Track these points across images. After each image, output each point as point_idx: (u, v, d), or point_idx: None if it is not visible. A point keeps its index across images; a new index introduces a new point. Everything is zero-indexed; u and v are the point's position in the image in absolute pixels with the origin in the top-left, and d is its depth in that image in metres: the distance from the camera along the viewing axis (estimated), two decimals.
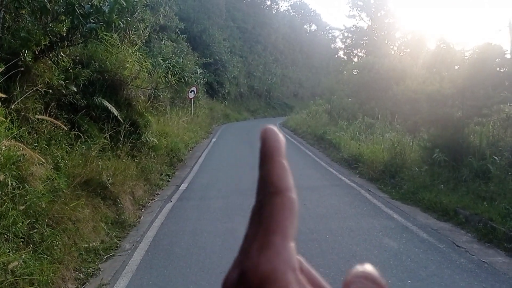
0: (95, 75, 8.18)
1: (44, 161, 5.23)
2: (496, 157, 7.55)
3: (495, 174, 7.06)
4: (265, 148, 0.31)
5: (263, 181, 0.30)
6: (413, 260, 4.80)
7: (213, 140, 17.90)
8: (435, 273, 4.45)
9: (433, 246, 5.29)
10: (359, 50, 41.63)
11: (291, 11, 61.14)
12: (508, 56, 7.86)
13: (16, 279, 3.69)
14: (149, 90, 11.55)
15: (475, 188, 6.92)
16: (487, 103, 8.23)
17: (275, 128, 0.33)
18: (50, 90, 6.56)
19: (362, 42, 40.77)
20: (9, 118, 5.15)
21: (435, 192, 7.22)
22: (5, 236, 3.99)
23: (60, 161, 5.97)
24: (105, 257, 5.16)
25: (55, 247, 4.51)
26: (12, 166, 4.57)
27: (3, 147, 4.50)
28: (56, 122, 5.81)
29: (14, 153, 4.65)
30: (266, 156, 0.31)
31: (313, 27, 64.83)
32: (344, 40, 44.00)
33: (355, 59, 38.11)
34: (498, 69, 8.80)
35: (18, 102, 5.59)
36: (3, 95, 4.94)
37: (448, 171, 7.95)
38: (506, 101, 8.37)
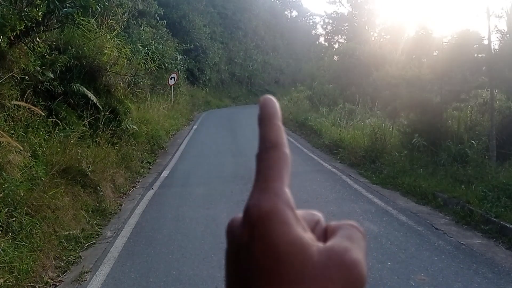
0: (72, 61, 8.01)
1: (21, 148, 5.13)
2: (473, 141, 7.69)
3: (473, 158, 7.20)
4: (264, 112, 0.35)
5: (262, 139, 0.34)
6: (393, 242, 4.88)
7: (194, 127, 17.78)
8: (414, 255, 4.54)
9: (412, 229, 5.39)
10: (339, 36, 41.58)
11: None
12: (486, 42, 7.93)
13: None
14: (129, 77, 11.39)
15: (453, 172, 7.04)
16: (465, 88, 8.34)
17: (273, 97, 0.36)
18: (26, 77, 6.42)
19: (342, 29, 40.71)
20: None
21: (414, 176, 7.33)
22: None
23: (37, 148, 5.87)
24: (86, 245, 5.12)
25: (35, 236, 4.45)
26: None
27: None
28: (33, 108, 5.69)
29: None
30: (264, 119, 0.34)
31: (294, 13, 64.51)
32: (325, 26, 43.89)
33: (336, 46, 38.13)
34: (475, 55, 8.89)
35: None
36: None
37: (427, 156, 8.08)
38: (483, 86, 8.49)
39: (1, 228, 4.17)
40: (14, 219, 4.39)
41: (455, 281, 3.93)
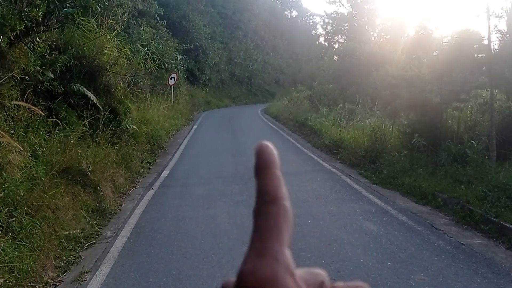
0: (72, 61, 8.02)
1: (21, 148, 5.13)
2: (473, 141, 7.69)
3: (472, 158, 7.19)
4: (260, 161, 0.32)
5: (259, 191, 0.31)
6: (392, 242, 4.88)
7: (194, 127, 17.80)
8: (414, 255, 4.53)
9: (412, 229, 5.39)
10: (339, 36, 41.57)
11: None
12: (486, 42, 7.93)
13: None
14: (129, 77, 11.39)
15: (453, 172, 7.04)
16: (465, 88, 8.34)
17: (269, 143, 0.33)
18: (26, 77, 6.42)
19: (342, 29, 40.70)
20: None
21: (414, 177, 7.32)
22: None
23: (38, 148, 5.87)
24: (86, 245, 5.12)
25: (35, 236, 4.45)
26: None
27: None
28: (33, 108, 5.69)
29: None
30: (262, 168, 0.32)
31: (294, 13, 64.56)
32: (325, 26, 43.89)
33: (336, 46, 38.14)
34: (475, 55, 8.89)
35: None
36: None
37: (427, 156, 8.07)
38: (483, 86, 8.49)
39: (1, 228, 4.18)
40: (14, 219, 4.39)
41: (455, 281, 3.93)
